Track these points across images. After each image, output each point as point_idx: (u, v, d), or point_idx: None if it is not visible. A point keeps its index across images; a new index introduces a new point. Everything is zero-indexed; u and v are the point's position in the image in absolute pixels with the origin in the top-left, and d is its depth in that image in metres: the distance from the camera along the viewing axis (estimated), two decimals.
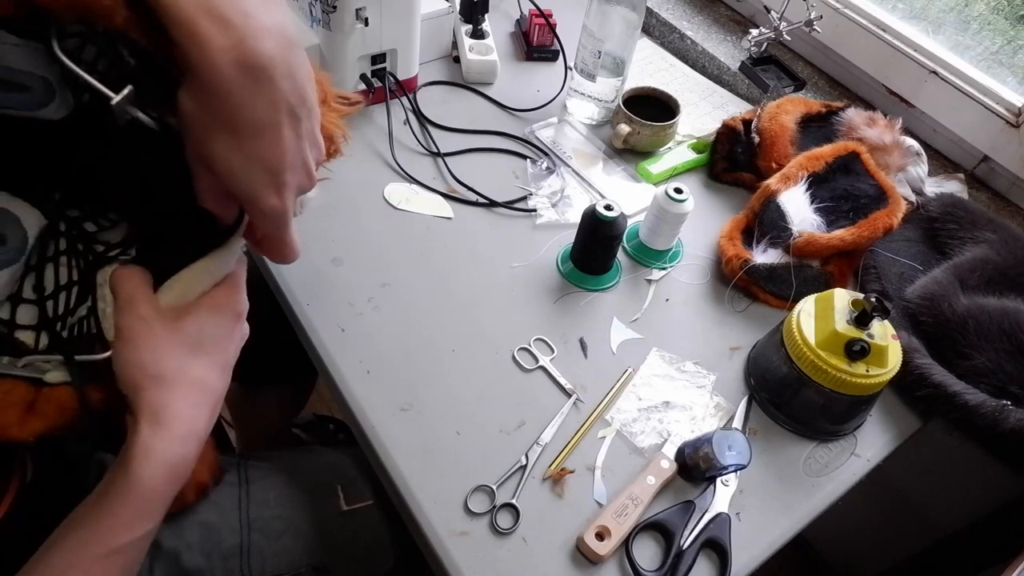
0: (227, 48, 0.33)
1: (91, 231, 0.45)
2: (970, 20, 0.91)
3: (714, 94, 1.02)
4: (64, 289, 0.44)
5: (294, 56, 0.37)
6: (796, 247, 0.74)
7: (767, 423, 0.67)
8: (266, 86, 0.35)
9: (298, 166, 0.39)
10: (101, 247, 0.45)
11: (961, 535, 1.00)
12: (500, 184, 0.84)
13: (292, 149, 0.38)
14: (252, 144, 0.36)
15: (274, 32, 0.35)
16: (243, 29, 0.34)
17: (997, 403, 0.63)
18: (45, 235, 0.44)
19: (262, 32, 0.34)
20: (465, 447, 0.61)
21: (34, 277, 0.43)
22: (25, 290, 0.43)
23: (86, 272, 0.44)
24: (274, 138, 0.37)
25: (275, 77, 0.35)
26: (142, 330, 0.42)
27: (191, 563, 0.61)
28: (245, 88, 0.34)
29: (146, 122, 0.37)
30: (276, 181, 0.38)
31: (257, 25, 0.34)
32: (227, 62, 0.33)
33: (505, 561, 0.55)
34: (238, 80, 0.34)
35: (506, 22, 1.11)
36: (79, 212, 0.45)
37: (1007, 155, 0.89)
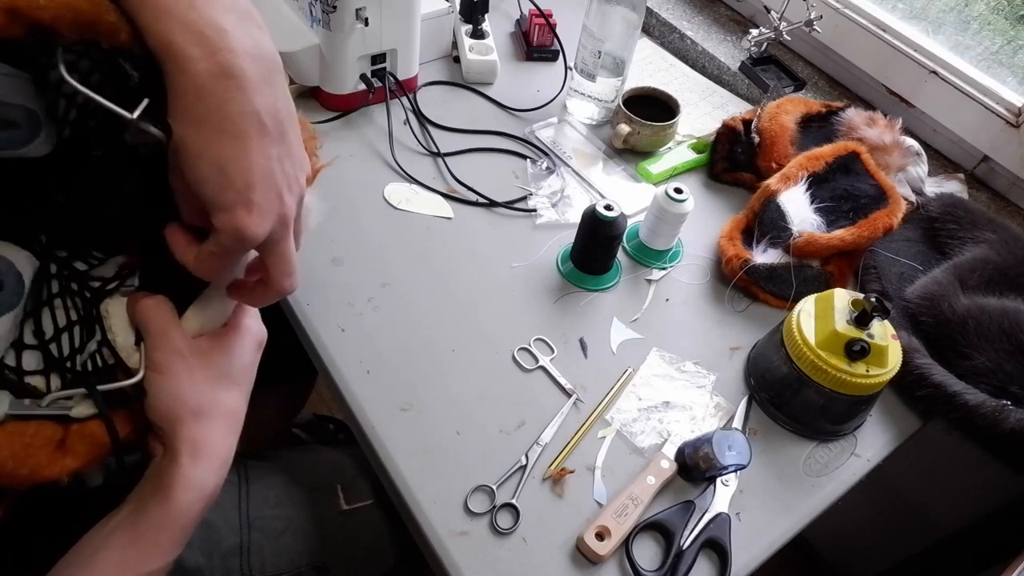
0: (200, 58, 0.35)
1: (83, 269, 0.45)
2: (970, 20, 0.91)
3: (714, 94, 1.02)
4: (65, 330, 0.44)
5: (271, 77, 0.38)
6: (796, 247, 0.74)
7: (767, 423, 0.67)
8: (236, 94, 0.36)
9: (268, 188, 0.39)
10: (97, 283, 0.45)
11: (961, 535, 1.00)
12: (500, 184, 0.84)
13: (260, 166, 0.38)
14: (220, 150, 0.37)
15: (251, 52, 0.37)
16: (218, 42, 0.35)
17: (997, 403, 0.63)
18: (38, 278, 0.44)
19: (238, 48, 0.36)
20: (465, 447, 0.61)
21: (32, 323, 0.43)
22: (26, 336, 0.43)
23: (87, 309, 0.44)
24: (241, 148, 0.37)
25: (246, 88, 0.36)
26: (179, 364, 0.43)
27: (191, 562, 0.61)
28: (215, 92, 0.35)
29: (158, 135, 0.37)
30: (245, 198, 0.38)
31: (233, 42, 0.36)
32: (200, 70, 0.35)
33: (505, 561, 0.55)
34: (209, 85, 0.35)
35: (506, 22, 1.11)
36: (67, 252, 0.45)
37: (1007, 155, 0.89)
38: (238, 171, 0.37)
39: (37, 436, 0.39)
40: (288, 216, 0.41)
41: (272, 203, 0.40)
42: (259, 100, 0.37)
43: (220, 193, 0.38)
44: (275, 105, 0.38)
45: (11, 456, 0.38)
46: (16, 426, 0.39)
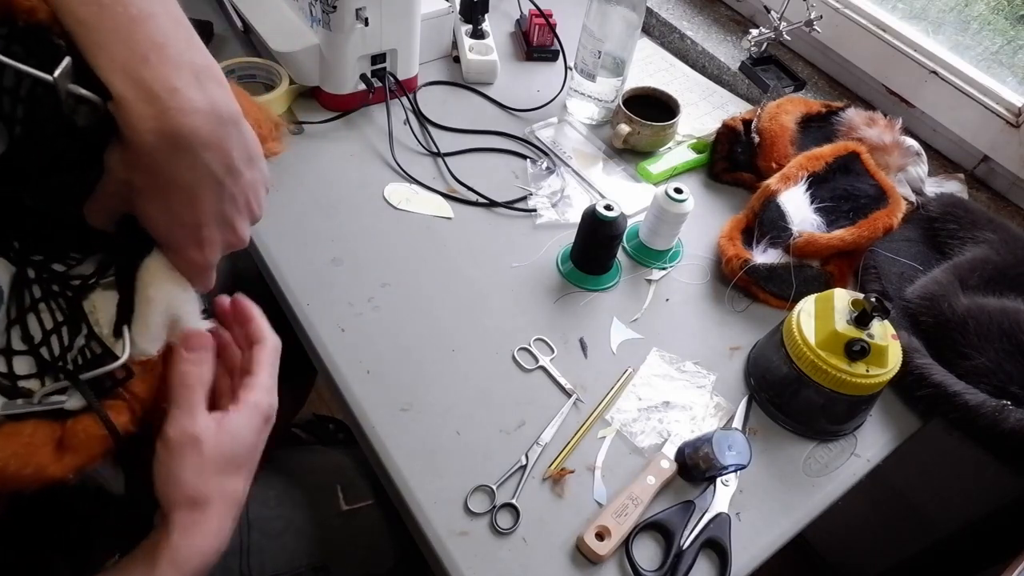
0: (149, 118, 0.34)
1: (61, 271, 0.45)
2: (970, 20, 0.91)
3: (714, 94, 1.03)
4: (54, 332, 0.44)
5: (224, 131, 0.38)
6: (796, 247, 0.74)
7: (767, 423, 0.67)
8: (186, 154, 0.36)
9: (222, 225, 0.41)
10: (77, 281, 0.45)
11: (961, 535, 1.00)
12: (500, 184, 0.84)
13: (212, 211, 0.39)
14: (171, 201, 0.38)
15: (203, 110, 0.36)
16: (167, 102, 0.35)
17: (997, 403, 0.63)
18: (18, 284, 0.43)
19: (188, 108, 0.35)
20: (465, 447, 0.61)
21: (20, 328, 0.43)
22: (15, 342, 0.43)
23: (71, 307, 0.44)
24: (192, 200, 0.38)
25: (195, 148, 0.36)
26: (190, 449, 0.42)
27: None
28: (163, 153, 0.36)
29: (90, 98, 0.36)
30: (196, 237, 0.40)
31: (183, 101, 0.35)
32: (148, 129, 0.35)
33: (505, 561, 0.55)
34: (157, 146, 0.35)
35: (506, 22, 1.11)
36: (43, 256, 0.45)
37: (1007, 155, 0.89)
38: (188, 215, 0.39)
39: (36, 435, 0.39)
40: (240, 242, 0.43)
41: (225, 235, 0.42)
42: (209, 156, 0.37)
43: (168, 232, 0.39)
44: (228, 156, 0.39)
45: (13, 456, 0.37)
46: (12, 427, 0.39)
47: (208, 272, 0.43)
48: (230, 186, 0.40)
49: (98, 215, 0.40)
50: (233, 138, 0.39)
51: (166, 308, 0.43)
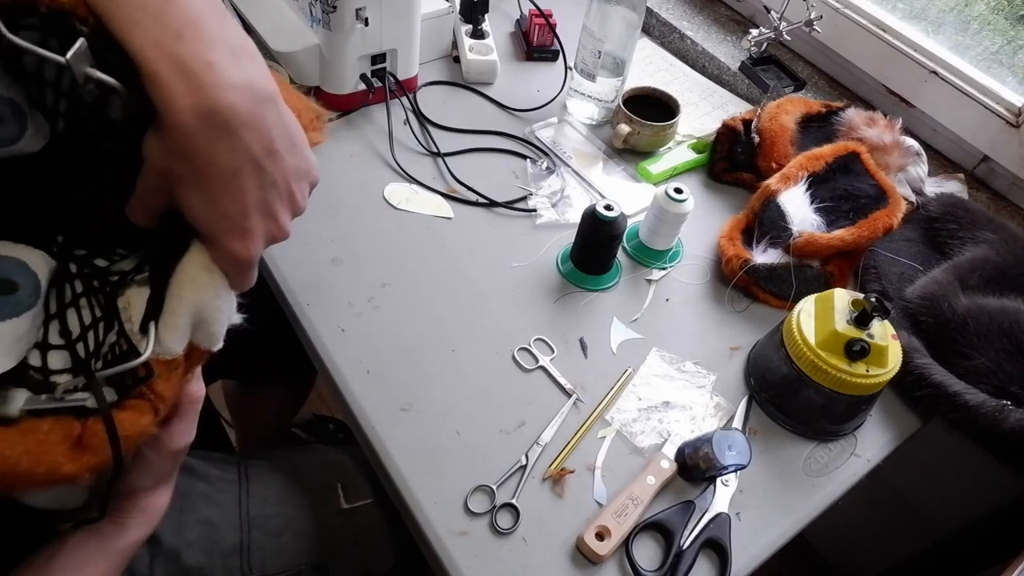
0: (184, 94, 0.33)
1: (103, 266, 0.44)
2: (970, 20, 0.91)
3: (714, 94, 1.03)
4: (91, 328, 0.43)
5: (263, 109, 0.37)
6: (796, 247, 0.74)
7: (767, 423, 0.67)
8: (225, 135, 0.35)
9: (265, 215, 0.40)
10: (116, 277, 0.44)
11: (961, 535, 1.00)
12: (500, 184, 0.84)
13: (255, 199, 0.38)
14: (212, 189, 0.37)
15: (240, 86, 0.35)
16: (203, 78, 0.34)
17: (997, 403, 0.63)
18: (59, 278, 0.43)
19: (225, 83, 0.34)
20: (465, 447, 0.61)
21: (59, 323, 0.43)
22: (52, 336, 0.42)
23: (108, 303, 0.43)
24: (234, 186, 0.37)
25: (235, 127, 0.35)
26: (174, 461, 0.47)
27: (191, 560, 0.61)
28: (203, 135, 0.34)
29: (109, 82, 0.35)
30: (240, 228, 0.38)
31: (219, 76, 0.34)
32: (185, 107, 0.34)
33: (505, 561, 0.55)
34: (196, 126, 0.34)
35: (506, 22, 1.11)
36: (86, 251, 0.44)
37: (1007, 155, 0.89)
38: (231, 203, 0.37)
39: (53, 432, 0.38)
40: (282, 234, 0.42)
41: (267, 227, 0.40)
42: (249, 135, 0.36)
43: (212, 223, 0.38)
44: (268, 136, 0.38)
45: (26, 453, 0.36)
46: (31, 423, 0.38)
47: (250, 268, 0.41)
48: (271, 171, 0.39)
49: (140, 211, 0.40)
50: (272, 118, 0.38)
51: (197, 308, 0.42)
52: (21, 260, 0.41)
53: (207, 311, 0.42)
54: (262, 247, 0.41)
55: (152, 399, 0.41)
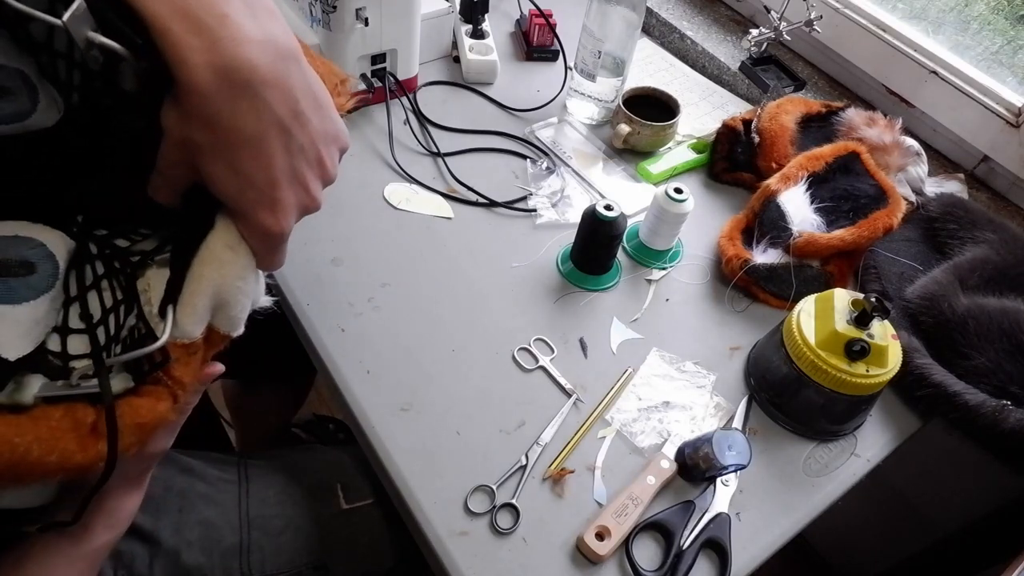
0: (201, 50, 0.31)
1: (124, 246, 0.43)
2: (970, 20, 0.91)
3: (714, 94, 1.03)
4: (112, 311, 0.41)
5: (285, 66, 0.34)
6: (796, 247, 0.74)
7: (767, 423, 0.67)
8: (247, 95, 0.33)
9: (294, 183, 0.37)
10: (137, 257, 0.42)
11: (961, 535, 1.00)
12: (500, 184, 0.84)
13: (283, 166, 0.36)
14: (237, 157, 0.34)
15: (259, 40, 0.33)
16: (218, 31, 0.32)
17: (997, 403, 0.63)
18: (79, 260, 0.41)
19: (243, 38, 0.32)
20: (465, 447, 0.61)
21: (79, 306, 0.41)
22: (72, 320, 0.40)
23: (128, 285, 0.42)
24: (259, 153, 0.34)
25: (256, 86, 0.33)
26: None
27: (191, 561, 0.61)
28: (222, 95, 0.32)
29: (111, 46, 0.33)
30: (269, 198, 0.36)
31: (236, 30, 0.32)
32: (201, 64, 0.31)
33: (505, 561, 0.55)
34: (214, 86, 0.32)
35: (506, 22, 1.11)
36: (107, 231, 0.43)
37: (1007, 155, 0.89)
38: (258, 171, 0.35)
39: (65, 420, 0.36)
40: (314, 204, 0.39)
41: (298, 196, 0.37)
42: (273, 95, 0.34)
43: (239, 195, 0.35)
44: (293, 96, 0.35)
45: (36, 440, 0.34)
46: (44, 410, 0.36)
47: (281, 243, 0.39)
48: (298, 134, 0.36)
49: (162, 188, 0.37)
50: (295, 75, 0.35)
51: (217, 289, 0.39)
52: (39, 240, 0.39)
53: (228, 292, 0.39)
54: (294, 219, 0.38)
55: (170, 384, 0.39)
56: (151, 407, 0.38)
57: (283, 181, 0.36)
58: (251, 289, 0.41)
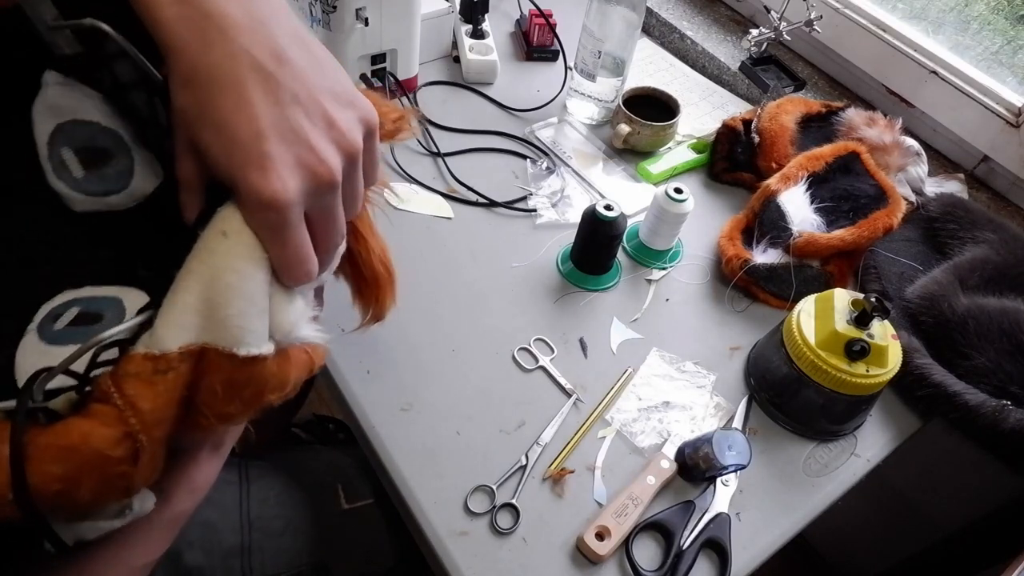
0: (171, 2, 0.30)
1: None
2: (970, 20, 0.91)
3: (714, 94, 1.02)
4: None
5: (260, 13, 0.32)
6: (796, 247, 0.74)
7: (767, 423, 0.67)
8: (216, 37, 0.31)
9: (288, 137, 0.32)
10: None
11: (961, 535, 1.00)
12: (500, 184, 0.84)
13: (269, 116, 0.32)
14: (217, 111, 0.31)
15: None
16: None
17: (997, 403, 0.63)
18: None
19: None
20: (465, 447, 0.61)
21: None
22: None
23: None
24: (240, 100, 0.31)
25: (229, 30, 0.31)
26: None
27: (192, 561, 0.61)
28: (197, 46, 0.31)
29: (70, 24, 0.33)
30: (257, 154, 0.31)
31: None
32: (173, 18, 0.30)
33: (505, 561, 0.55)
34: (184, 33, 0.30)
35: (506, 22, 1.11)
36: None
37: (1007, 155, 0.89)
38: (240, 123, 0.31)
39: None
40: (324, 167, 0.33)
41: (297, 153, 0.32)
42: (248, 39, 0.31)
43: (227, 156, 0.31)
44: (274, 44, 0.32)
45: None
46: None
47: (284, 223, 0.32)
48: (286, 81, 0.32)
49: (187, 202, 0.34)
50: (274, 21, 0.33)
51: (205, 285, 0.32)
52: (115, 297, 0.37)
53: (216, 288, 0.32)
54: (297, 188, 0.32)
55: (120, 405, 0.30)
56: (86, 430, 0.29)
57: (271, 134, 0.31)
58: (252, 290, 0.33)
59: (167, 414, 0.31)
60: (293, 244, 0.33)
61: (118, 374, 0.30)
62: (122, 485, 0.31)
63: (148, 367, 0.31)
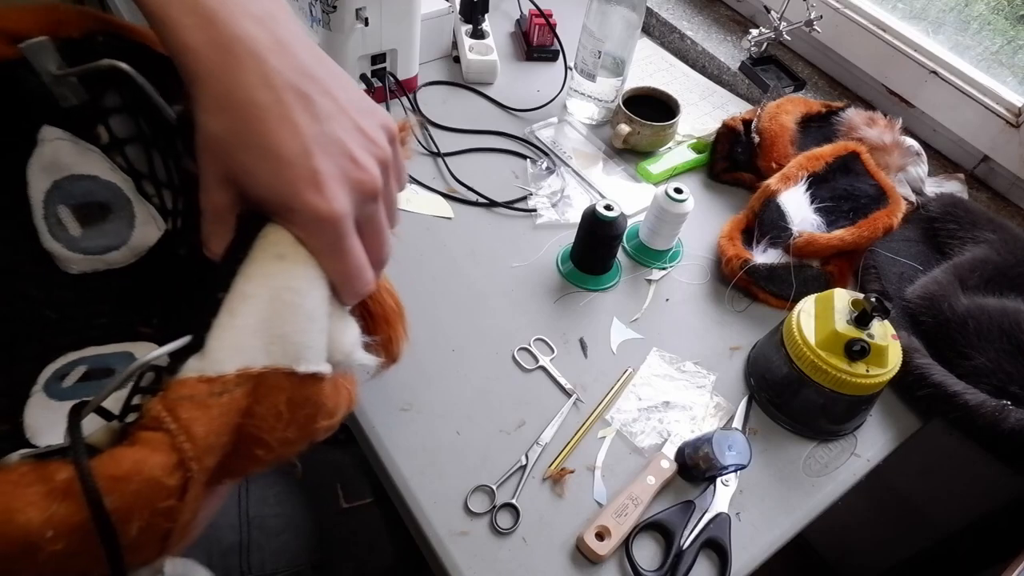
0: (198, 28, 0.31)
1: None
2: (970, 20, 0.91)
3: (714, 94, 1.02)
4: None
5: (283, 36, 0.33)
6: (796, 247, 0.74)
7: (767, 423, 0.67)
8: (252, 64, 0.31)
9: (333, 151, 0.33)
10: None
11: (961, 535, 1.00)
12: (500, 184, 0.84)
13: (312, 133, 0.32)
14: (261, 134, 0.31)
15: (255, 14, 0.32)
16: (213, 12, 0.31)
17: (997, 403, 0.63)
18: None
19: (240, 13, 0.32)
20: (465, 447, 0.61)
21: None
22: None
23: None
24: (283, 120, 0.32)
25: (260, 52, 0.32)
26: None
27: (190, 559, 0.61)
28: (229, 70, 0.31)
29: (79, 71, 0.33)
30: (309, 171, 0.32)
31: (232, 6, 0.32)
32: (202, 43, 0.31)
33: (505, 561, 0.55)
34: (214, 58, 0.31)
35: (506, 22, 1.11)
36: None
37: (1007, 155, 0.89)
38: (287, 141, 0.32)
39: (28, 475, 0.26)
40: (369, 177, 0.34)
41: (344, 167, 0.33)
42: (277, 60, 0.32)
43: (277, 178, 0.31)
44: (300, 62, 0.33)
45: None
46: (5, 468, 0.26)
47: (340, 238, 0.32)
48: (319, 98, 0.33)
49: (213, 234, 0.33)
50: (296, 45, 0.33)
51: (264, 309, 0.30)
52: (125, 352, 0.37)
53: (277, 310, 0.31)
54: (347, 198, 0.33)
55: (172, 430, 0.27)
56: (136, 457, 0.27)
57: (317, 150, 0.32)
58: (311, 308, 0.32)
59: (220, 441, 0.29)
60: (352, 257, 0.34)
61: (170, 398, 0.28)
62: (166, 526, 0.28)
63: (203, 389, 0.29)
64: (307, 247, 0.32)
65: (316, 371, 0.31)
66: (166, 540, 0.28)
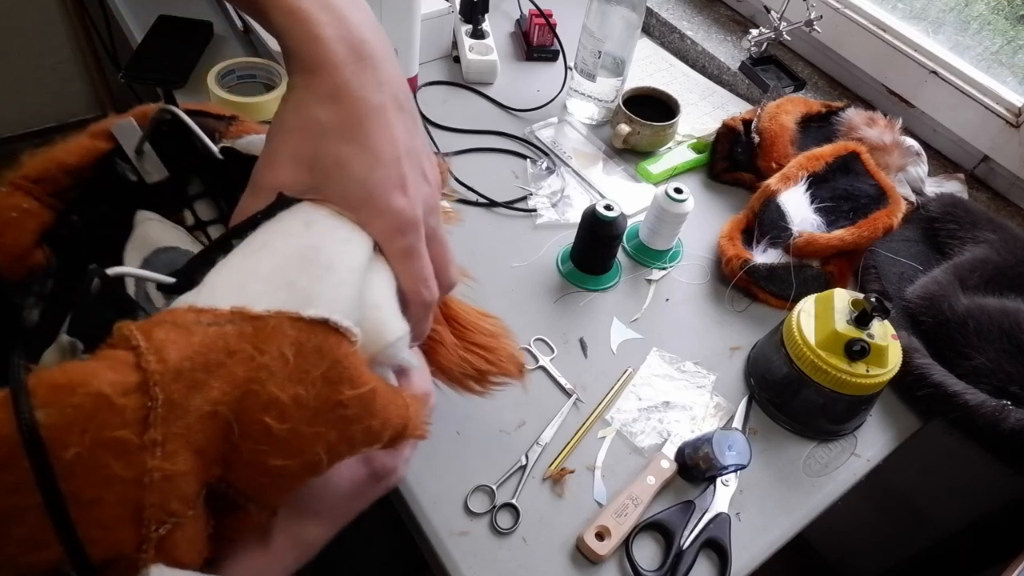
0: (331, 24, 0.33)
1: None
2: (970, 20, 0.91)
3: (714, 94, 1.02)
4: None
5: (389, 52, 0.37)
6: (796, 247, 0.74)
7: (767, 423, 0.67)
8: (371, 66, 0.34)
9: (415, 166, 0.36)
10: None
11: (961, 535, 1.00)
12: (500, 184, 0.84)
13: (404, 142, 0.35)
14: (365, 130, 0.34)
15: (372, 25, 0.36)
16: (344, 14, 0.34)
17: (997, 403, 0.63)
18: None
19: (358, 21, 0.35)
20: (465, 447, 0.61)
21: None
22: None
23: None
24: (386, 124, 0.34)
25: (378, 59, 0.35)
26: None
27: None
28: (352, 66, 0.34)
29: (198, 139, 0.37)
30: (398, 175, 0.34)
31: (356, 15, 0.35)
32: (334, 38, 0.33)
33: (505, 561, 0.55)
34: (346, 57, 0.33)
35: (506, 22, 1.11)
36: None
37: (1007, 155, 0.89)
38: (385, 144, 0.34)
39: None
40: (434, 199, 0.37)
41: (419, 184, 0.36)
42: (391, 69, 0.35)
43: (369, 172, 0.33)
44: (400, 79, 0.36)
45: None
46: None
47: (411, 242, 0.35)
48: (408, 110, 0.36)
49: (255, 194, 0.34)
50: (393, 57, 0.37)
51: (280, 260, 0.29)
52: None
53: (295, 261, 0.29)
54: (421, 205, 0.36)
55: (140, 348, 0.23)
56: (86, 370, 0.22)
57: (406, 160, 0.35)
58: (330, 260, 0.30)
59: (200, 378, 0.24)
60: (425, 260, 0.36)
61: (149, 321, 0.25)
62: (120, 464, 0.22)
63: (189, 317, 0.25)
64: (384, 249, 0.34)
65: (328, 319, 0.28)
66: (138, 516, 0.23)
